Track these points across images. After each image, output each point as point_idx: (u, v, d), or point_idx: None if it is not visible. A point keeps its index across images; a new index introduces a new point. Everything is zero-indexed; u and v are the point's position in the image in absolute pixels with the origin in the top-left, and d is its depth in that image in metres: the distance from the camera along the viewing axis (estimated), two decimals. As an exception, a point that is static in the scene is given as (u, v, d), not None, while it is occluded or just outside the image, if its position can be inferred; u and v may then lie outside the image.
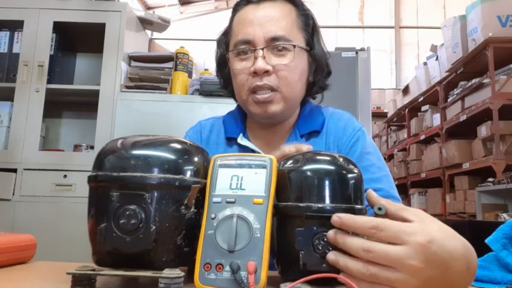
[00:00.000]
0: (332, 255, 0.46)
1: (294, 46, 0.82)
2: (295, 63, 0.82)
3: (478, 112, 3.36)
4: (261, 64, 0.79)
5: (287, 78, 0.82)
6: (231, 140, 0.91)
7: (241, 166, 0.52)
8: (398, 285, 0.42)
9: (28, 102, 2.13)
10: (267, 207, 0.48)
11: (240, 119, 0.94)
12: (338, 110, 0.95)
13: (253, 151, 0.88)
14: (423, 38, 6.49)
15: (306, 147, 0.61)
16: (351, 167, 0.52)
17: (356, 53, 2.56)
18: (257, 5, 0.85)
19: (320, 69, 0.89)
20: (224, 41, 0.91)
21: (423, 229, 0.43)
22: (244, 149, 0.89)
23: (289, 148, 0.61)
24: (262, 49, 0.80)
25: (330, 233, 0.46)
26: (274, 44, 0.81)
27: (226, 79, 0.92)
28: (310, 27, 0.88)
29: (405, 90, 5.29)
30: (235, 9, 0.89)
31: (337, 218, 0.46)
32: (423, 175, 4.53)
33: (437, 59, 4.25)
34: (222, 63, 0.91)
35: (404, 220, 0.45)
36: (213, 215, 0.49)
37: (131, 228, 0.47)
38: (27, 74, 2.15)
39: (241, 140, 0.89)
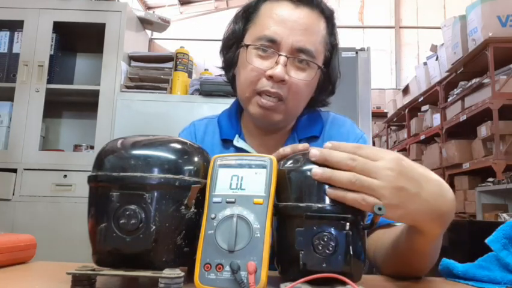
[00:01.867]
0: (317, 170, 0.50)
1: (319, 67, 0.80)
2: (311, 82, 0.80)
3: (478, 112, 3.36)
4: (280, 72, 0.75)
5: (298, 94, 0.79)
6: (226, 142, 0.88)
7: (241, 166, 0.52)
8: (378, 190, 0.49)
9: (28, 102, 2.13)
10: (267, 207, 0.48)
11: (236, 119, 0.91)
12: (339, 115, 0.93)
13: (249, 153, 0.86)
14: (423, 38, 6.49)
15: (301, 146, 0.59)
16: (351, 167, 0.52)
17: (356, 53, 2.56)
18: (295, 6, 0.79)
19: (325, 89, 0.87)
20: (243, 20, 0.84)
21: (396, 154, 0.52)
22: (240, 151, 0.86)
23: (285, 149, 0.59)
24: (287, 57, 0.76)
25: (316, 171, 0.50)
26: (300, 58, 0.78)
27: (230, 61, 0.87)
28: (331, 46, 0.85)
29: (405, 90, 5.29)
30: None
31: (316, 151, 0.51)
32: (423, 175, 4.52)
33: (437, 59, 4.25)
34: (232, 42, 0.86)
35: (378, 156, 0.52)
36: (213, 215, 0.49)
37: (131, 228, 0.47)
38: (27, 74, 2.15)
39: (238, 142, 0.87)
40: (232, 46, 0.86)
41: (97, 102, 2.14)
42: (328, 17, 0.83)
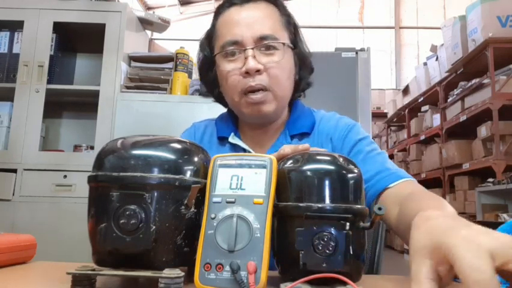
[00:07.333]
0: None
1: (284, 44, 0.84)
2: (285, 62, 0.84)
3: (478, 112, 3.36)
4: (252, 63, 0.80)
5: (278, 77, 0.83)
6: (223, 140, 0.93)
7: (241, 166, 0.52)
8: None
9: (28, 102, 2.13)
10: (267, 207, 0.48)
11: (231, 121, 0.97)
12: (329, 112, 0.98)
13: (244, 150, 0.90)
14: (423, 38, 6.50)
15: (301, 146, 0.61)
16: (351, 167, 0.52)
17: (356, 53, 2.56)
18: (241, 6, 0.86)
19: (304, 67, 0.92)
20: (207, 44, 0.91)
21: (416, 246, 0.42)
22: (235, 147, 0.91)
23: (285, 150, 0.60)
24: (252, 49, 0.81)
25: None
26: (263, 43, 0.82)
27: (211, 83, 0.93)
28: (292, 27, 0.90)
29: (405, 91, 5.29)
30: (218, 12, 0.89)
31: None
32: (423, 175, 4.53)
33: (437, 59, 4.26)
34: (207, 66, 0.92)
35: None
36: (213, 215, 0.49)
37: (131, 228, 0.47)
38: (27, 74, 2.15)
39: (233, 139, 0.91)
40: (208, 69, 0.92)
41: (97, 103, 2.14)
42: (274, 1, 0.89)
